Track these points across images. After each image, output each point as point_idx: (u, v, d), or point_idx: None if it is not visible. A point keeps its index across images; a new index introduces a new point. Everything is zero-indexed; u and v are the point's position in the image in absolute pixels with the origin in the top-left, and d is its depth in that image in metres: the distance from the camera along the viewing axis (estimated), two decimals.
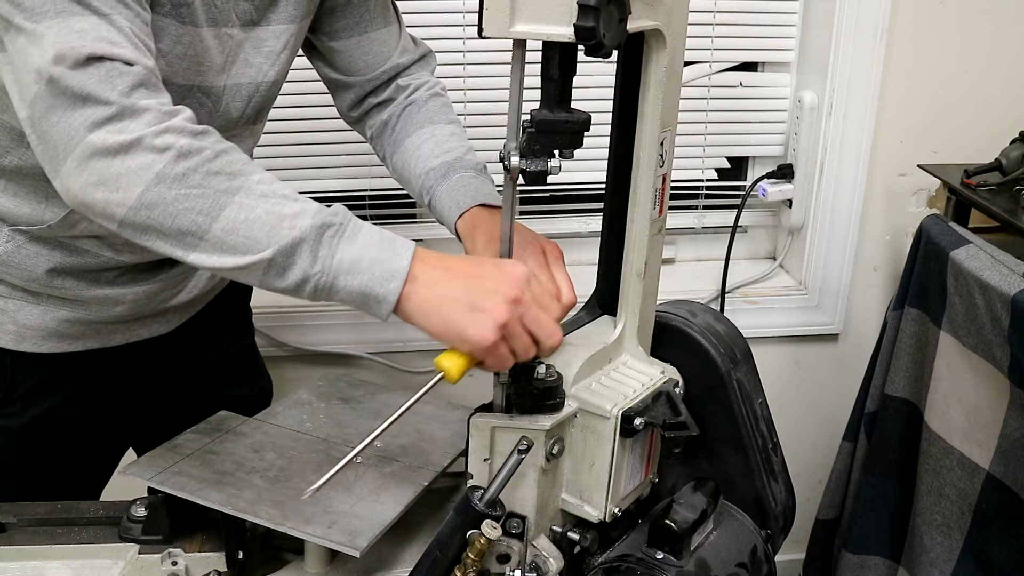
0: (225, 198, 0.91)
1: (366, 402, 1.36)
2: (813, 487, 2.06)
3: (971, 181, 1.76)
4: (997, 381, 1.46)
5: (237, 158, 0.95)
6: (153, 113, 0.91)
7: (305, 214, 0.93)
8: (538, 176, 0.95)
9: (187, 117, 0.94)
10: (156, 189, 0.90)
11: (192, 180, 0.90)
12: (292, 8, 1.19)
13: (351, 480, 1.15)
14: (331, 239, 0.93)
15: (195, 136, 0.92)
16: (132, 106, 0.90)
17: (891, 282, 2.04)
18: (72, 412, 1.31)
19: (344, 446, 1.23)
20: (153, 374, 1.38)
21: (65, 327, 1.24)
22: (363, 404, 1.35)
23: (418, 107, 1.34)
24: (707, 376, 1.16)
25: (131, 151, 0.89)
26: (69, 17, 0.91)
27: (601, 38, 0.88)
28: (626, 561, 1.07)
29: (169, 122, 0.91)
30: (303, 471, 1.16)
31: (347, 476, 1.16)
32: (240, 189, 0.92)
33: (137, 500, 1.13)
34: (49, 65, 0.89)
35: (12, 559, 1.11)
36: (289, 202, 0.94)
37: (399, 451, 1.22)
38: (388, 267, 0.94)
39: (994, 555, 1.53)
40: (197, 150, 0.91)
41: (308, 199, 0.96)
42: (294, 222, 0.92)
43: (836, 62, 1.86)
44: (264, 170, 0.97)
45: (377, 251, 0.94)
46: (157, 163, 0.89)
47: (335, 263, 0.93)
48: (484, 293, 0.95)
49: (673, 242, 2.08)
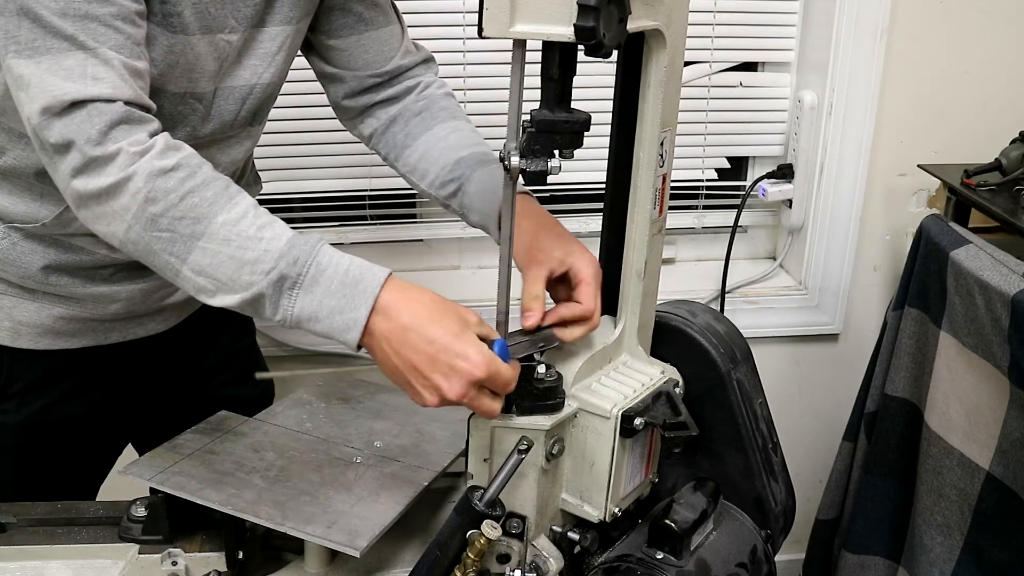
0: (191, 243, 0.95)
1: (366, 402, 1.36)
2: (813, 487, 2.06)
3: (971, 181, 1.76)
4: (997, 381, 1.46)
5: (205, 196, 0.96)
6: (123, 155, 0.94)
7: (266, 259, 0.95)
8: (538, 176, 0.95)
9: (158, 152, 0.96)
10: (135, 229, 0.95)
11: (161, 224, 0.95)
12: (289, 9, 1.18)
13: (351, 480, 1.15)
14: (290, 291, 0.95)
15: (163, 175, 0.94)
16: (104, 152, 0.94)
17: (891, 282, 2.03)
18: (69, 409, 1.31)
19: (344, 446, 1.23)
20: (151, 373, 1.38)
21: (61, 324, 1.24)
22: (363, 404, 1.35)
23: (436, 102, 1.34)
24: (707, 376, 1.16)
25: (107, 196, 0.94)
26: (57, 55, 0.94)
27: (601, 38, 0.88)
28: (626, 561, 1.07)
29: (138, 164, 0.94)
30: (303, 471, 1.16)
31: (347, 476, 1.16)
32: (203, 234, 0.95)
33: (137, 500, 1.13)
34: (36, 115, 0.94)
35: (12, 559, 1.11)
36: (252, 245, 0.95)
37: (399, 451, 1.22)
38: (345, 319, 0.96)
39: (994, 555, 1.53)
40: (164, 193, 0.94)
41: (277, 233, 0.97)
42: (255, 268, 0.95)
43: (836, 62, 1.86)
44: (238, 202, 0.98)
45: (336, 300, 0.95)
46: (131, 206, 0.94)
47: (295, 313, 0.96)
48: (442, 372, 0.95)
49: (673, 242, 2.08)
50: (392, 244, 1.98)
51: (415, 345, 0.96)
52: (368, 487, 1.14)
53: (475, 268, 2.04)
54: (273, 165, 1.85)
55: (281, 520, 1.05)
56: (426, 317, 0.96)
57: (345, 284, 0.96)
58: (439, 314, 0.97)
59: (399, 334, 0.96)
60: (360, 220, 1.97)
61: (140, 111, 0.98)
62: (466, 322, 0.98)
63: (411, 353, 0.96)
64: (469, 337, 0.97)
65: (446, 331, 0.96)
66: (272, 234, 0.96)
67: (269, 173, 1.85)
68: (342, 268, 0.96)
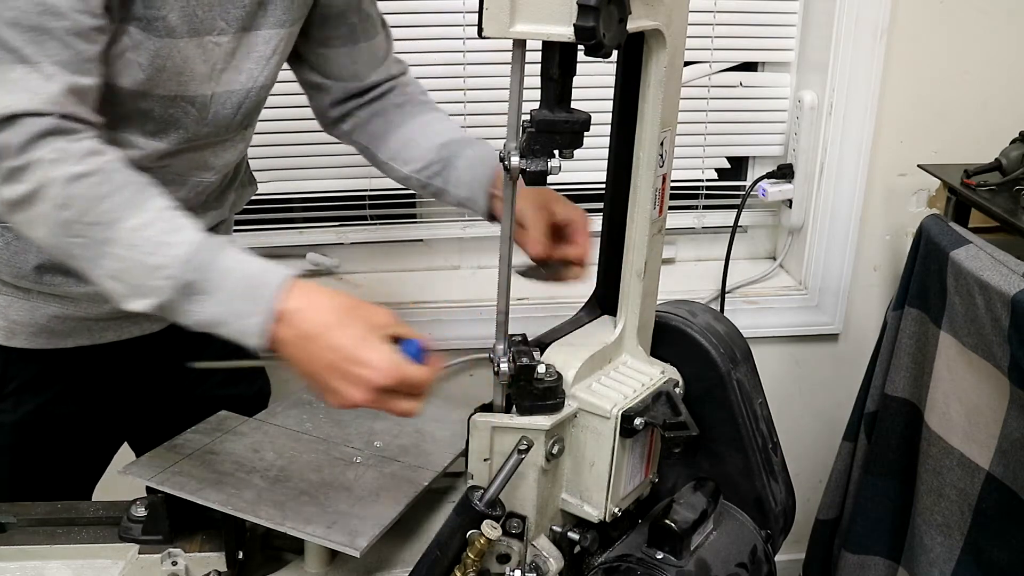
0: (103, 248, 0.95)
1: None
2: (813, 487, 2.06)
3: (971, 181, 1.76)
4: (997, 381, 1.46)
5: (116, 202, 0.96)
6: (41, 164, 0.95)
7: (172, 264, 0.95)
8: (538, 176, 0.95)
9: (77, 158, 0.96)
10: (54, 234, 0.97)
11: (75, 229, 0.96)
12: (282, 12, 1.18)
13: (351, 480, 1.15)
14: (196, 296, 0.96)
15: (76, 181, 0.95)
16: (23, 162, 0.95)
17: (891, 282, 2.03)
18: (65, 408, 1.31)
19: (344, 446, 1.23)
20: (147, 371, 1.38)
21: (55, 323, 1.24)
22: None
23: (415, 98, 1.38)
24: (707, 376, 1.16)
25: (27, 203, 0.96)
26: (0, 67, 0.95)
27: (601, 38, 0.88)
28: (626, 561, 1.07)
29: (54, 171, 0.95)
30: (303, 471, 1.16)
31: (347, 476, 1.16)
32: (113, 240, 0.95)
33: (137, 500, 1.13)
34: None
35: (12, 559, 1.11)
36: (159, 250, 0.95)
37: (399, 451, 1.22)
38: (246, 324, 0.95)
39: (994, 555, 1.53)
40: (77, 199, 0.95)
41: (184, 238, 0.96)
42: (161, 274, 0.95)
43: (836, 62, 1.86)
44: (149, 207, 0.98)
45: (240, 304, 0.95)
46: (49, 212, 0.95)
47: (204, 319, 0.97)
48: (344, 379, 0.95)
49: (673, 242, 2.08)
50: (392, 244, 1.98)
51: (317, 352, 0.95)
52: (368, 487, 1.14)
53: (475, 268, 2.04)
54: (273, 165, 1.85)
55: (281, 520, 1.05)
56: (329, 323, 0.96)
57: (249, 288, 0.96)
58: (343, 319, 0.96)
59: (302, 341, 0.95)
60: (360, 220, 1.97)
61: (74, 123, 0.98)
62: (373, 325, 0.97)
63: (314, 360, 0.95)
64: (373, 343, 0.95)
65: (349, 337, 0.95)
66: (180, 239, 0.96)
67: (269, 173, 1.85)
68: (245, 273, 0.96)
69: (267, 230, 1.95)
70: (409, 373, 0.96)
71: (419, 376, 0.97)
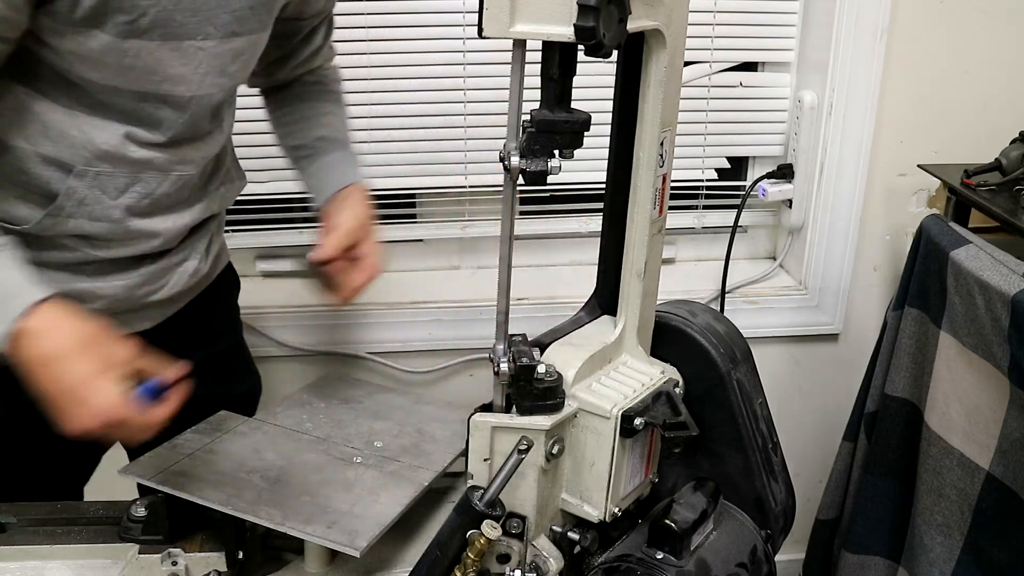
0: None
1: (366, 402, 1.36)
2: (813, 487, 2.06)
3: (971, 181, 1.76)
4: (997, 381, 1.46)
5: None
6: None
7: None
8: (538, 176, 0.95)
9: None
10: None
11: None
12: (264, 14, 1.21)
13: (351, 480, 1.15)
14: None
15: None
16: None
17: (891, 282, 2.03)
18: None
19: (344, 446, 1.23)
20: None
21: None
22: (363, 404, 1.35)
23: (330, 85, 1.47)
24: (707, 376, 1.16)
25: None
26: None
27: (601, 38, 0.88)
28: (626, 561, 1.07)
29: None
30: (303, 471, 1.16)
31: (347, 476, 1.16)
32: None
33: (137, 500, 1.13)
34: None
35: (12, 559, 1.11)
36: None
37: (399, 451, 1.23)
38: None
39: (994, 555, 1.53)
40: None
41: None
42: None
43: (836, 62, 1.86)
44: None
45: None
46: None
47: None
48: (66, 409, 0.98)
49: (673, 242, 2.08)
50: (392, 244, 1.98)
51: (49, 377, 0.98)
52: (368, 487, 1.14)
53: (475, 268, 2.04)
54: (273, 165, 1.85)
55: (281, 520, 1.05)
56: (63, 352, 0.98)
57: None
58: (80, 350, 0.98)
59: (38, 362, 0.98)
60: None
61: None
62: (110, 362, 0.99)
63: (45, 383, 0.98)
64: (102, 380, 0.97)
65: (78, 372, 0.98)
66: None
67: (268, 173, 1.85)
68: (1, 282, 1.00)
69: (267, 230, 1.94)
70: (129, 416, 0.98)
71: (138, 421, 0.99)
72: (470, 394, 2.01)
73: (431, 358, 1.96)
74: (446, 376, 1.99)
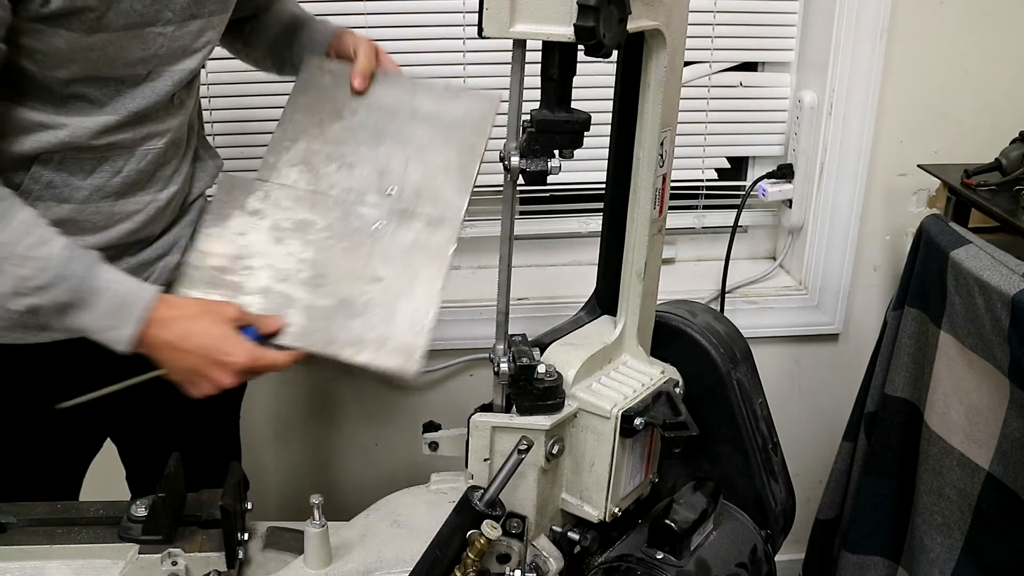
0: None
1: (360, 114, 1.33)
2: (813, 487, 2.06)
3: (971, 181, 1.76)
4: (997, 381, 1.46)
5: None
6: None
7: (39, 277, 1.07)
8: (538, 176, 0.95)
9: None
10: None
11: None
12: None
13: (380, 267, 1.21)
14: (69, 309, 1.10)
15: None
16: None
17: (891, 282, 2.03)
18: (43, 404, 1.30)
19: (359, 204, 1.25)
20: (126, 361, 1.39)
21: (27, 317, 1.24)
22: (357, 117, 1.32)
23: None
24: (707, 376, 1.16)
25: None
26: None
27: (601, 38, 0.88)
28: (626, 561, 1.07)
29: None
30: (332, 261, 1.23)
31: (375, 260, 1.22)
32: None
33: (137, 500, 1.13)
34: None
35: (12, 559, 1.11)
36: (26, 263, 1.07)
37: (414, 196, 1.25)
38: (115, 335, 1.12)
39: (994, 555, 1.53)
40: None
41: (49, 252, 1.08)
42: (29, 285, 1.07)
43: (836, 62, 1.86)
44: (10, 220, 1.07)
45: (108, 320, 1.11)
46: None
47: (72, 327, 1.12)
48: (215, 369, 1.14)
49: (673, 242, 2.08)
50: None
51: (186, 353, 1.14)
52: (399, 275, 1.20)
53: (475, 268, 2.04)
54: None
55: (337, 350, 1.17)
56: (193, 326, 1.14)
57: (116, 307, 1.11)
58: (204, 320, 1.15)
59: (172, 345, 1.14)
60: None
61: None
62: (226, 319, 1.16)
63: (186, 359, 1.14)
64: (231, 337, 1.15)
65: (212, 335, 1.14)
66: (44, 253, 1.08)
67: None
68: (118, 292, 1.11)
69: None
70: (264, 356, 1.17)
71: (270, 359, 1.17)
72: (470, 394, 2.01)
73: (431, 358, 1.95)
74: (446, 376, 1.99)
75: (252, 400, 1.96)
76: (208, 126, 1.80)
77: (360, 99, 1.32)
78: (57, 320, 1.11)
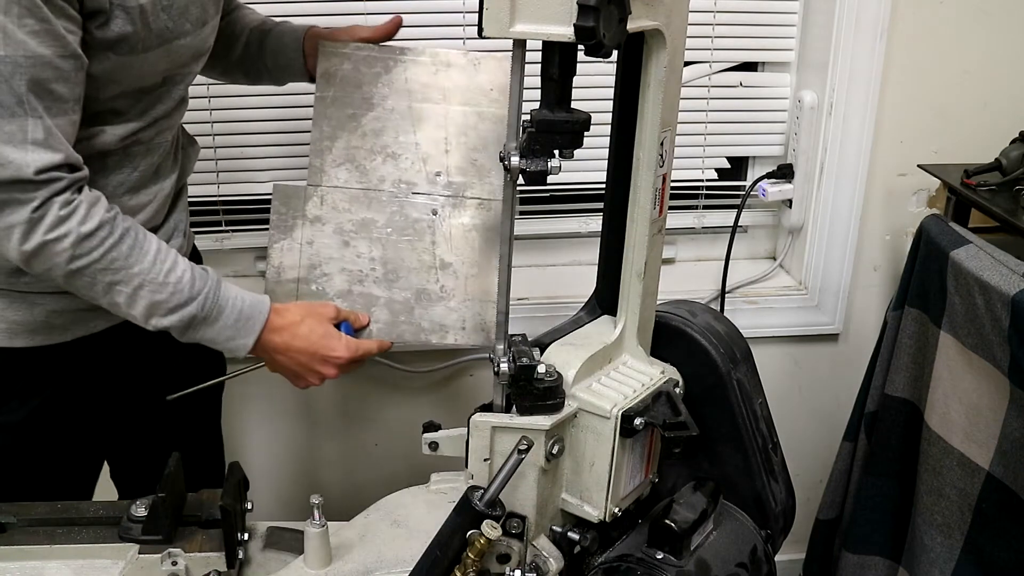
0: (111, 288, 1.14)
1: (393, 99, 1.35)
2: (813, 487, 2.06)
3: (971, 181, 1.76)
4: (997, 381, 1.46)
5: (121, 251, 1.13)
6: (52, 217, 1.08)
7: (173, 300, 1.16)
8: (538, 176, 0.95)
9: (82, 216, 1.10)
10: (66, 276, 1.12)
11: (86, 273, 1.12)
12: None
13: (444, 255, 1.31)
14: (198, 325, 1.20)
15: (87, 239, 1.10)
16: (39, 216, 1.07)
17: (891, 282, 2.03)
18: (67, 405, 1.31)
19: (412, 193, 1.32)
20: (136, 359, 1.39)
21: (53, 318, 1.25)
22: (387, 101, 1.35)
23: None
24: (707, 376, 1.16)
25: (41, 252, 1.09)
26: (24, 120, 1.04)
27: (601, 38, 0.88)
28: (626, 561, 1.07)
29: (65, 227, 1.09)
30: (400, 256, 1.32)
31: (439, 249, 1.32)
32: (121, 281, 1.14)
33: (137, 500, 1.13)
34: None
35: (12, 559, 1.11)
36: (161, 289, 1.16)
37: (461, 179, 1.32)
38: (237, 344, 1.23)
39: (994, 555, 1.53)
40: (88, 252, 1.11)
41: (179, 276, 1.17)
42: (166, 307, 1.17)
43: (836, 62, 1.86)
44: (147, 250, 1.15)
45: (231, 331, 1.22)
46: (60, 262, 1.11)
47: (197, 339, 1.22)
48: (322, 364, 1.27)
49: (673, 242, 2.08)
50: None
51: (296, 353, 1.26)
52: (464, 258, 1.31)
53: None
54: (271, 165, 1.85)
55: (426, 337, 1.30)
56: (300, 329, 1.26)
57: (238, 320, 1.22)
58: (308, 321, 1.27)
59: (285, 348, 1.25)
60: None
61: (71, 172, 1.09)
62: (327, 319, 1.28)
63: (296, 358, 1.26)
64: (332, 333, 1.28)
65: (317, 333, 1.26)
66: (176, 277, 1.17)
67: (267, 173, 1.85)
68: (238, 307, 1.22)
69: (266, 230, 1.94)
70: (362, 346, 1.30)
71: (366, 347, 1.30)
72: (470, 394, 2.01)
73: (431, 358, 1.96)
74: (446, 376, 1.99)
75: (252, 400, 1.96)
76: (208, 126, 1.80)
77: (388, 83, 1.35)
78: (180, 333, 1.20)
